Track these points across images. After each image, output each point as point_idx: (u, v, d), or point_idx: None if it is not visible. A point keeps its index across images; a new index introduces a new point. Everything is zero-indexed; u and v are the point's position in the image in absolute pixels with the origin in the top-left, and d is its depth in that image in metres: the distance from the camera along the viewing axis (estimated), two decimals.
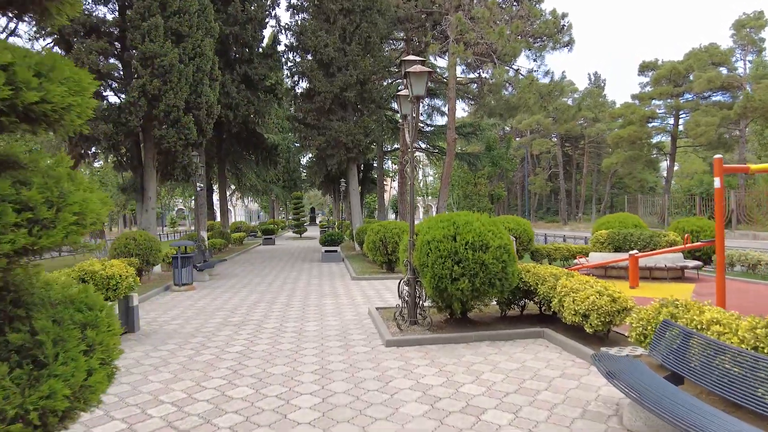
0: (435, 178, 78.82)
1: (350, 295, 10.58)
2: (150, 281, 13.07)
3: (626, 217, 15.07)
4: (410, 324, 6.96)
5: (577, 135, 57.12)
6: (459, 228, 6.64)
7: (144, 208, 14.61)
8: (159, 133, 13.20)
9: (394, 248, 13.33)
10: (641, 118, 35.57)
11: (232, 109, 18.84)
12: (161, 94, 13.00)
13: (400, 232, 13.39)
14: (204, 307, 9.55)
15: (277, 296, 10.59)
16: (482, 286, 6.46)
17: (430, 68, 6.75)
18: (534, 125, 46.37)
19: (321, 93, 19.19)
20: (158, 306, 9.74)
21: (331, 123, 19.63)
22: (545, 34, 19.59)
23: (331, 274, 14.37)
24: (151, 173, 14.49)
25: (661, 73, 34.87)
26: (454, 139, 21.72)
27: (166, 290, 11.87)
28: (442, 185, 22.00)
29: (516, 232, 13.85)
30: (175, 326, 7.85)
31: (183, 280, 11.77)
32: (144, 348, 6.53)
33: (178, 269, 11.72)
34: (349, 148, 19.57)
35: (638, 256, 10.53)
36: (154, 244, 12.86)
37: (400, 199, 29.85)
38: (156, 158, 14.53)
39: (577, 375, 5.16)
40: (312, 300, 10.01)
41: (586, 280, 6.51)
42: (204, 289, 12.04)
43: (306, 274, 14.68)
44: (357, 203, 21.38)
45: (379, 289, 11.38)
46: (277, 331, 7.28)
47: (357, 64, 19.24)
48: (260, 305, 9.53)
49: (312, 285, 12.22)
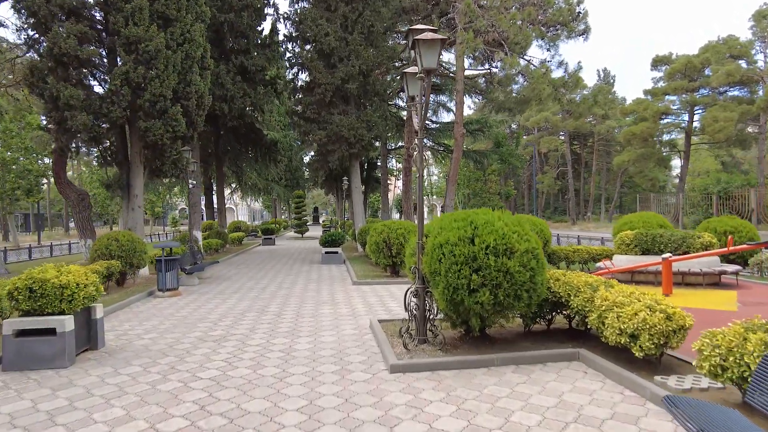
0: (440, 177, 77.68)
1: (350, 303, 9.51)
2: (135, 285, 12.06)
3: (650, 217, 13.91)
4: (419, 343, 5.88)
5: (586, 132, 55.85)
6: (478, 229, 5.55)
7: (130, 207, 13.60)
8: (144, 125, 12.17)
9: (398, 250, 12.25)
10: (655, 114, 34.28)
11: (227, 102, 17.79)
12: (146, 82, 11.98)
13: (406, 232, 12.31)
14: (186, 316, 8.51)
15: (269, 304, 9.53)
16: (506, 299, 5.37)
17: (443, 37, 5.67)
18: (542, 122, 45.16)
19: (321, 85, 18.12)
20: (135, 315, 8.70)
21: (332, 117, 18.56)
22: (559, 22, 18.44)
23: (331, 278, 13.30)
24: (138, 169, 13.47)
25: (676, 67, 33.56)
26: (462, 135, 20.61)
27: (150, 296, 10.84)
28: (449, 183, 20.89)
29: None
30: (147, 341, 6.80)
31: (168, 285, 10.73)
32: (102, 371, 5.48)
33: (161, 273, 10.69)
34: (351, 143, 18.49)
35: (673, 259, 9.40)
36: (138, 245, 11.84)
37: (405, 198, 28.74)
38: (143, 153, 13.52)
39: (632, 415, 4.06)
40: (307, 309, 8.93)
41: (630, 292, 5.40)
42: (191, 294, 11.00)
43: (304, 277, 13.62)
44: (360, 202, 20.31)
45: (383, 295, 10.30)
46: (263, 350, 6.21)
47: (359, 54, 18.16)
48: (249, 315, 8.47)
49: (309, 290, 11.16)
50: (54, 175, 16.60)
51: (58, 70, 11.55)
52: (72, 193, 15.82)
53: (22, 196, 35.63)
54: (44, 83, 11.52)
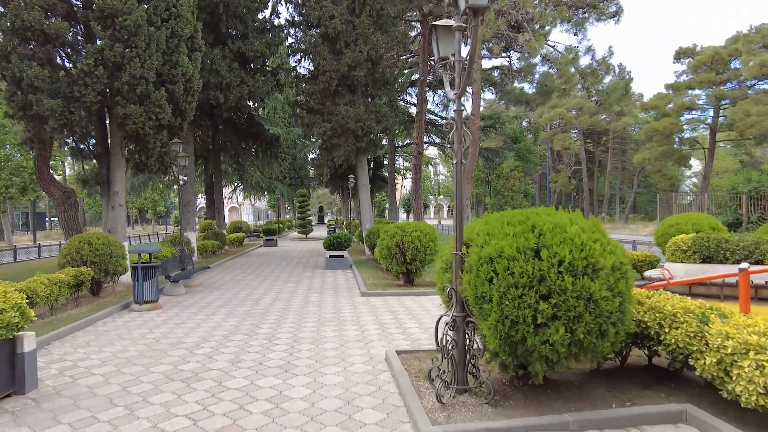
0: (447, 176, 75.91)
1: (359, 321, 7.89)
2: (114, 293, 10.54)
3: (700, 218, 12.20)
4: (457, 393, 4.26)
5: (600, 131, 53.95)
6: (544, 236, 3.92)
7: (109, 205, 12.07)
8: (123, 112, 10.62)
9: (414, 255, 10.63)
10: (678, 109, 32.40)
11: (222, 91, 16.22)
12: (125, 62, 10.43)
13: (422, 235, 10.70)
14: (158, 338, 6.94)
15: (261, 322, 7.94)
16: (587, 336, 3.75)
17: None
18: (556, 119, 43.37)
19: (326, 72, 16.53)
20: (97, 337, 7.13)
21: (338, 108, 16.97)
22: (587, 4, 16.72)
23: (336, 287, 11.70)
24: (119, 162, 11.93)
25: (701, 59, 31.63)
26: (478, 128, 19.00)
27: (124, 309, 9.29)
28: (465, 179, 19.22)
29: None
30: (96, 379, 5.22)
31: (145, 297, 9.17)
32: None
33: (138, 282, 9.13)
34: (358, 136, 16.90)
35: (754, 271, 7.71)
36: (116, 249, 10.29)
37: (415, 197, 27.13)
38: (124, 144, 11.98)
39: None
40: (307, 331, 7.33)
41: (765, 329, 3.75)
42: (172, 307, 9.43)
43: (305, 285, 12.03)
44: (367, 201, 18.71)
45: (397, 311, 8.68)
46: (243, 398, 4.61)
47: (368, 38, 16.55)
48: (234, 339, 6.88)
49: (310, 303, 9.56)
50: (36, 169, 15.11)
51: (21, 48, 10.03)
52: (56, 191, 14.31)
53: (16, 194, 34.35)
54: (7, 62, 10.00)
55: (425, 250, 10.69)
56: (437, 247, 10.94)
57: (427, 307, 8.92)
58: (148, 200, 55.16)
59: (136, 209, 62.58)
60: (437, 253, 11.59)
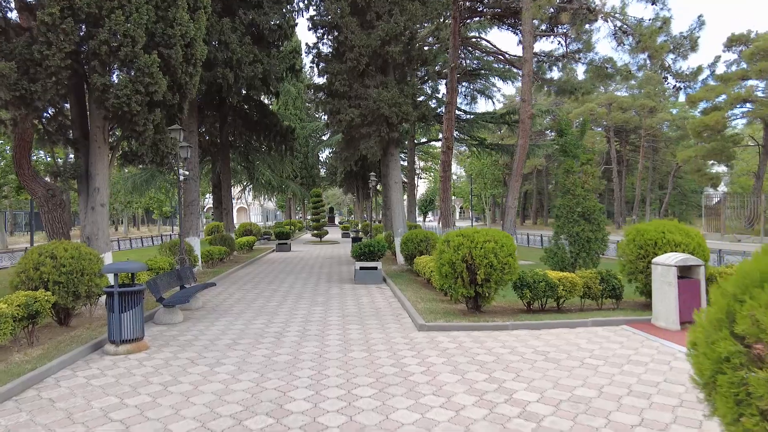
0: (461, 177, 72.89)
1: (441, 388, 5.13)
2: (91, 322, 7.96)
3: None
4: None
5: (629, 128, 50.82)
6: None
7: (89, 205, 9.46)
8: (101, 81, 8.00)
9: (488, 275, 7.88)
10: (734, 101, 29.36)
11: (232, 68, 13.57)
12: (103, 14, 7.81)
13: (497, 248, 7.95)
14: (128, 424, 4.25)
15: (290, 383, 5.23)
16: None
17: None
18: (586, 115, 40.26)
19: (355, 48, 13.84)
20: (32, 416, 4.47)
21: (368, 91, 14.28)
22: None
23: (378, 314, 8.97)
24: (101, 151, 9.33)
25: (760, 45, 28.57)
26: (530, 116, 16.20)
27: (95, 351, 6.66)
28: (514, 176, 16.45)
29: (686, 246, 8.31)
30: None
31: (124, 334, 6.51)
32: None
33: (114, 314, 6.47)
34: (392, 124, 14.21)
35: None
36: (90, 263, 7.67)
37: (443, 197, 24.33)
38: (108, 127, 9.37)
39: None
40: (365, 409, 4.60)
41: None
42: (163, 348, 6.76)
43: (336, 309, 9.32)
44: (400, 201, 16.00)
45: (486, 362, 5.91)
46: None
47: (404, 7, 13.85)
48: (251, 426, 4.17)
49: (353, 345, 6.84)
50: (14, 163, 12.53)
51: None
52: (39, 188, 11.72)
53: (11, 193, 32.13)
54: None
55: (503, 268, 7.95)
56: (517, 264, 8.20)
57: (525, 355, 6.18)
58: (153, 200, 52.81)
59: (142, 210, 60.29)
60: (516, 271, 8.90)
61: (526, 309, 8.83)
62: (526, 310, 8.78)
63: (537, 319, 7.98)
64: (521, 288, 8.42)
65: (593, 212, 12.70)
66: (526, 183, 61.08)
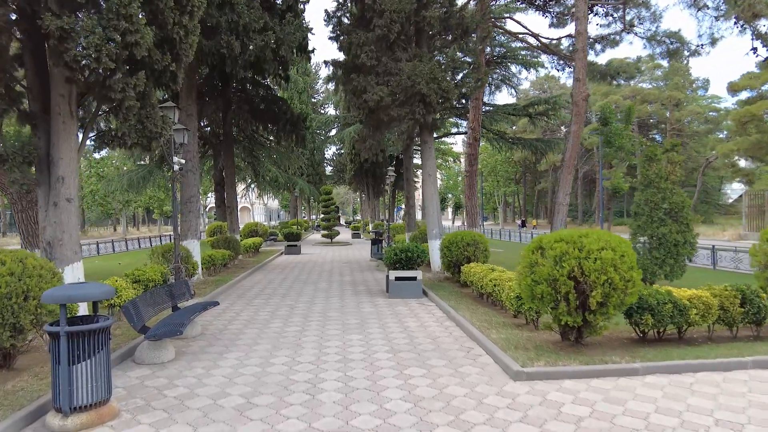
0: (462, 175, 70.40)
1: None
2: (41, 373, 5.61)
3: None
4: None
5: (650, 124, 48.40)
6: None
7: (50, 199, 7.12)
8: (55, 23, 5.66)
9: (606, 296, 5.52)
10: None
11: (239, 36, 11.21)
12: None
13: (617, 259, 5.58)
14: None
15: None
16: None
17: None
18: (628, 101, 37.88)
19: (385, 13, 11.49)
20: None
21: (399, 65, 11.93)
22: None
23: (440, 350, 6.57)
24: (67, 128, 7.00)
25: None
26: (585, 97, 13.81)
27: (37, 422, 4.32)
28: (566, 168, 14.05)
29: None
30: None
31: (77, 399, 4.16)
32: None
33: (60, 367, 4.13)
34: (429, 104, 11.84)
35: None
36: (37, 281, 5.36)
37: (469, 194, 21.99)
38: (75, 95, 7.04)
39: None
40: None
41: None
42: (140, 417, 4.40)
43: (381, 343, 6.92)
44: (434, 197, 13.63)
45: None
46: None
47: None
48: None
49: (432, 417, 4.47)
50: None
51: None
52: (12, 183, 9.47)
53: None
54: None
55: (625, 287, 5.60)
56: (640, 281, 5.84)
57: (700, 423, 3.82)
58: (153, 199, 50.54)
59: (142, 209, 58.01)
60: (638, 290, 6.54)
61: (638, 338, 6.51)
62: (638, 340, 6.46)
63: (667, 357, 5.66)
64: (640, 312, 6.09)
65: (681, 209, 10.32)
66: (542, 180, 58.59)
